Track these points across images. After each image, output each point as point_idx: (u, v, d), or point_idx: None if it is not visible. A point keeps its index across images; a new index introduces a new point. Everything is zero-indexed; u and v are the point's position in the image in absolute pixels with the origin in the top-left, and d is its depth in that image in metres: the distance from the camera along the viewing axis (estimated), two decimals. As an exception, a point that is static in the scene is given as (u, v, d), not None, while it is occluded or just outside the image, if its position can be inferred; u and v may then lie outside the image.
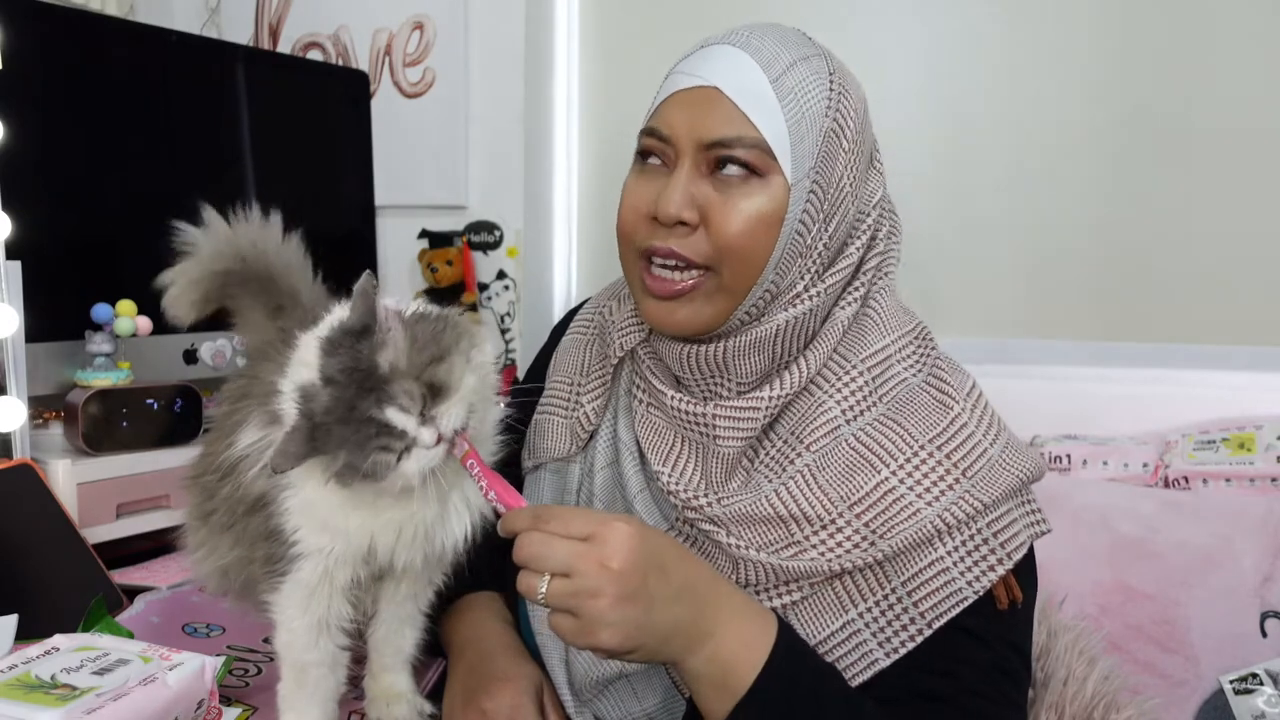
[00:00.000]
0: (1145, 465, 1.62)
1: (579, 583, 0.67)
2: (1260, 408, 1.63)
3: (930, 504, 0.77)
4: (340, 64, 2.09)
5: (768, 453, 0.84)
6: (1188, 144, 1.79)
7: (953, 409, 0.81)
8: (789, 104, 0.78)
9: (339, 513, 0.75)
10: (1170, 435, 1.66)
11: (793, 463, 0.81)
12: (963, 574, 0.78)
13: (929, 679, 0.78)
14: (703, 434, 0.84)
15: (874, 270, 0.86)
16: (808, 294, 0.82)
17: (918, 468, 0.79)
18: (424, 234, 2.07)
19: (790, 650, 0.74)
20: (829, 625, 0.80)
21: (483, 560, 0.85)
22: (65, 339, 1.29)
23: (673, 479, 0.84)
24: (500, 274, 2.06)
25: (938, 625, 0.77)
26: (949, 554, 0.78)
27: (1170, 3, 1.79)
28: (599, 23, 2.14)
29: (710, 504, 0.82)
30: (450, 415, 0.71)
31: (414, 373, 0.70)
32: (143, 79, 1.47)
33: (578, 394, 0.95)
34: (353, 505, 0.74)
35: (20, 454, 1.15)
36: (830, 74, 0.81)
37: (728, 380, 0.84)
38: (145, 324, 1.29)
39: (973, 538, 0.78)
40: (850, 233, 0.84)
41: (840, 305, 0.85)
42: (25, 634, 0.84)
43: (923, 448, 0.79)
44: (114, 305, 1.27)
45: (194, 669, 0.73)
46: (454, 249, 2.03)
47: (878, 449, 0.80)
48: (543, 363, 1.04)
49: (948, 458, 0.79)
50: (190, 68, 1.54)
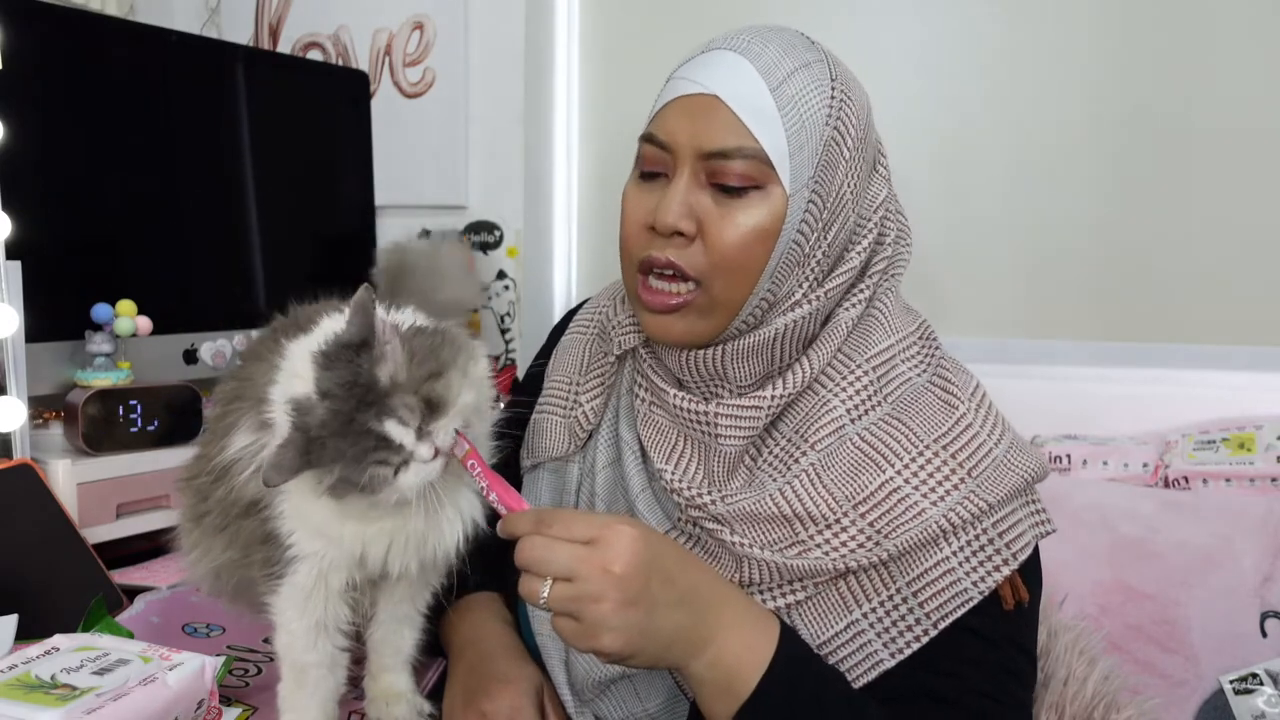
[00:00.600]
0: (1145, 465, 1.62)
1: (581, 587, 0.67)
2: (1260, 408, 1.63)
3: (935, 504, 0.77)
4: (340, 64, 2.09)
5: (772, 451, 0.83)
6: (1188, 144, 1.79)
7: (958, 409, 0.81)
8: (789, 113, 0.77)
9: (332, 519, 0.75)
10: (1170, 435, 1.66)
11: (797, 461, 0.81)
12: (968, 574, 0.77)
13: (934, 680, 0.77)
14: (705, 432, 0.83)
15: (881, 273, 0.86)
16: (805, 300, 0.82)
17: (923, 467, 0.79)
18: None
19: (793, 654, 0.74)
20: (833, 625, 0.80)
21: (482, 560, 0.85)
22: (65, 339, 1.29)
23: (676, 477, 0.84)
24: (500, 274, 2.05)
25: (943, 626, 0.77)
26: (954, 554, 0.78)
27: (1170, 3, 1.79)
28: (599, 23, 2.14)
29: (714, 502, 0.82)
30: (447, 430, 0.71)
31: (413, 387, 0.70)
32: (143, 79, 1.47)
33: (576, 393, 0.95)
34: (345, 513, 0.74)
35: (20, 454, 1.15)
36: (832, 80, 0.81)
37: (726, 383, 0.84)
38: (145, 324, 1.30)
39: (978, 538, 0.78)
40: (851, 238, 0.84)
41: (844, 307, 0.84)
42: (25, 634, 0.84)
43: (928, 447, 0.79)
44: (114, 305, 1.27)
45: (194, 669, 0.73)
46: (454, 249, 2.03)
47: (883, 448, 0.80)
48: (541, 363, 1.04)
49: (953, 457, 0.79)
50: (190, 68, 1.54)
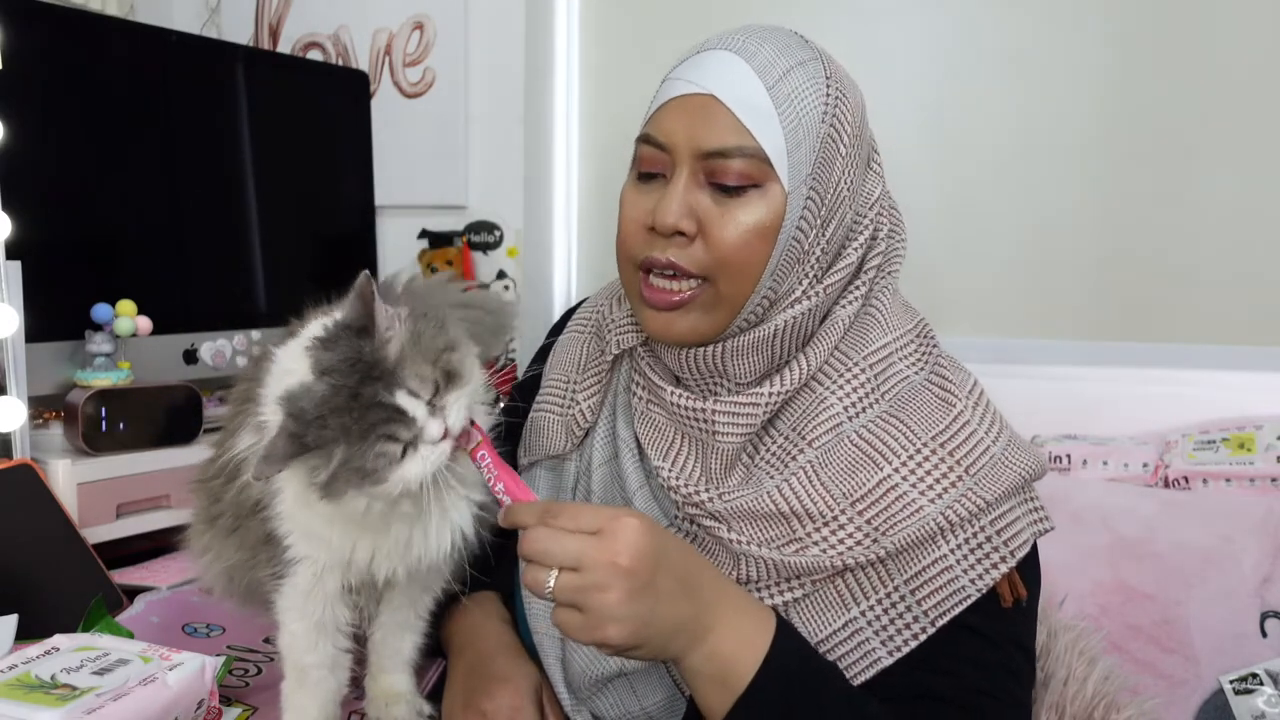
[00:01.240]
0: (1145, 465, 1.62)
1: (587, 577, 0.67)
2: (1260, 408, 1.63)
3: (933, 501, 0.77)
4: (340, 64, 2.09)
5: (769, 449, 0.84)
6: (1188, 143, 1.79)
7: (955, 406, 0.81)
8: (785, 111, 0.78)
9: (321, 521, 0.75)
10: (1170, 435, 1.66)
11: (795, 459, 0.81)
12: (966, 572, 0.77)
13: (933, 678, 0.77)
14: (702, 430, 0.84)
15: (876, 270, 0.86)
16: (805, 297, 0.82)
17: (920, 465, 0.79)
18: (424, 234, 2.06)
19: (789, 647, 0.74)
20: (831, 623, 0.80)
21: (481, 559, 0.85)
22: (65, 339, 1.29)
23: (673, 474, 0.84)
24: (500, 274, 2.05)
25: (941, 623, 0.77)
26: (952, 552, 0.78)
27: (1172, 2, 1.79)
28: (599, 23, 2.14)
29: (711, 499, 0.82)
30: (458, 407, 0.70)
31: (429, 358, 0.69)
32: (143, 79, 1.47)
33: (573, 391, 0.95)
34: (334, 515, 0.74)
35: (20, 454, 1.15)
36: (827, 78, 0.81)
37: (725, 380, 0.84)
38: (145, 324, 1.30)
39: (975, 535, 0.78)
40: (849, 235, 0.84)
41: (841, 304, 0.85)
42: (25, 634, 0.84)
43: (925, 445, 0.79)
44: (114, 305, 1.27)
45: (194, 669, 0.73)
46: (454, 249, 2.03)
47: (880, 446, 0.80)
48: (538, 368, 1.04)
49: (950, 455, 0.79)
50: (190, 68, 1.54)
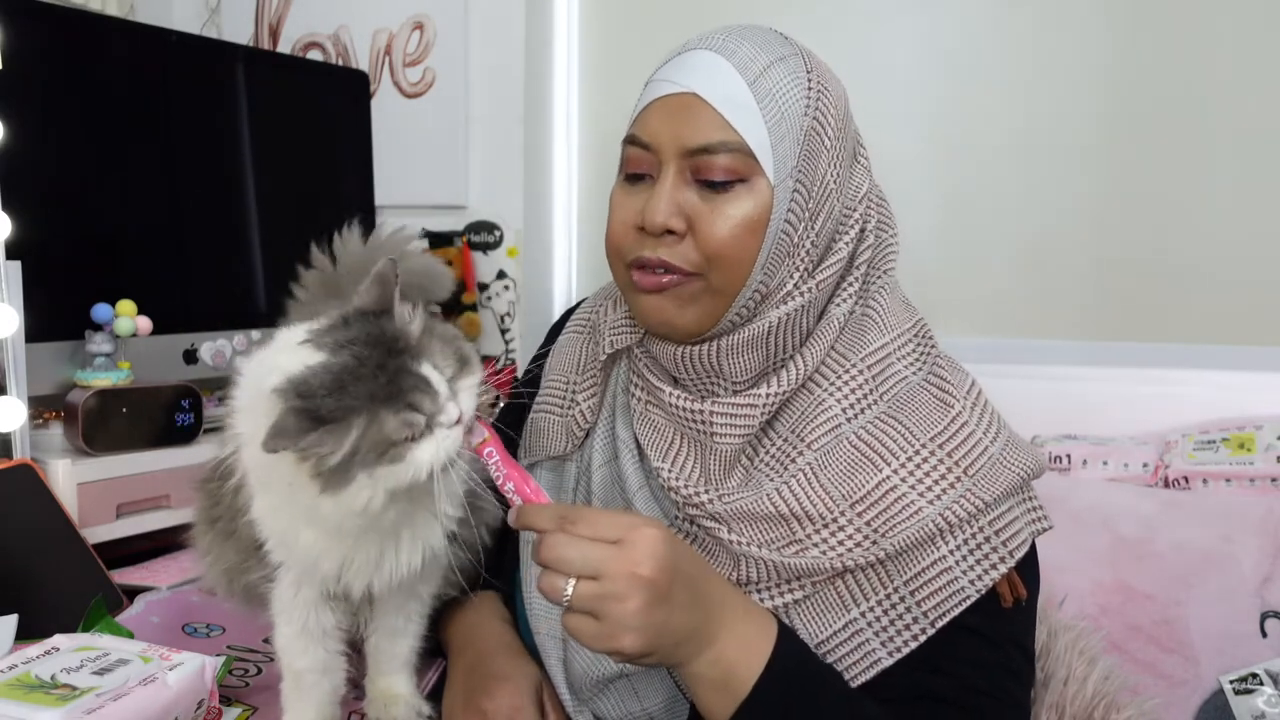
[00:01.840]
0: (1145, 465, 1.62)
1: (607, 587, 0.67)
2: (1260, 408, 1.63)
3: (932, 502, 0.77)
4: (340, 64, 2.09)
5: (768, 451, 0.84)
6: (1188, 143, 1.79)
7: (953, 407, 0.81)
8: (768, 106, 0.78)
9: (290, 528, 0.74)
10: (1170, 435, 1.66)
11: (794, 461, 0.81)
12: (965, 572, 0.78)
13: (932, 679, 0.78)
14: (701, 431, 0.84)
15: (867, 264, 0.86)
16: (798, 291, 0.82)
17: (919, 466, 0.79)
18: (424, 234, 2.07)
19: (791, 652, 0.74)
20: (831, 624, 0.80)
21: (478, 560, 0.85)
22: (65, 339, 1.29)
23: (673, 475, 0.84)
24: (500, 274, 2.05)
25: (941, 624, 0.77)
26: (951, 552, 0.78)
27: (1171, 3, 1.79)
28: (599, 23, 2.14)
29: (711, 500, 0.82)
30: (471, 393, 0.71)
31: (445, 340, 0.71)
32: (143, 79, 1.46)
33: (573, 392, 0.95)
34: (304, 522, 0.73)
35: (20, 454, 1.15)
36: (808, 72, 0.81)
37: (722, 380, 0.84)
38: (145, 324, 1.30)
39: (974, 536, 0.78)
40: (838, 228, 0.84)
41: (835, 302, 0.85)
42: (25, 634, 0.84)
43: (924, 446, 0.79)
44: (114, 305, 1.27)
45: (194, 669, 0.73)
46: (454, 249, 2.03)
47: (879, 447, 0.80)
48: (540, 363, 1.04)
49: (949, 456, 0.79)
50: (190, 68, 1.54)
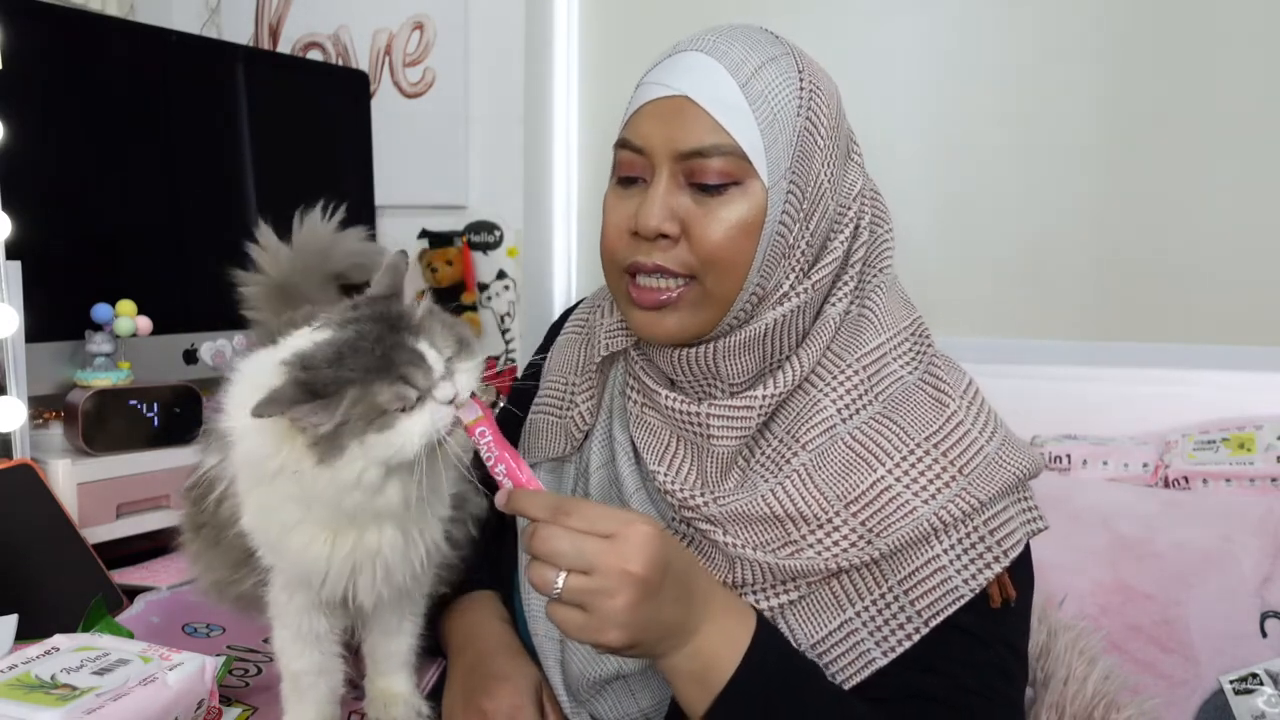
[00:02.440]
0: (1145, 465, 1.62)
1: (598, 582, 0.67)
2: (1260, 408, 1.63)
3: (926, 502, 0.77)
4: (340, 64, 2.09)
5: (764, 452, 0.83)
6: (1188, 143, 1.79)
7: (948, 407, 0.81)
8: (760, 107, 0.78)
9: (279, 533, 0.75)
10: (1170, 435, 1.66)
11: (789, 462, 0.81)
12: (959, 572, 0.78)
13: (923, 677, 0.78)
14: (697, 433, 0.83)
15: (862, 262, 0.86)
16: (794, 292, 0.82)
17: (914, 466, 0.79)
18: (424, 234, 2.07)
19: (769, 645, 0.74)
20: (826, 625, 0.80)
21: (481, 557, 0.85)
22: (65, 339, 1.29)
23: (669, 478, 0.84)
24: (500, 274, 2.05)
25: (935, 624, 0.77)
26: (945, 552, 0.78)
27: (1172, 2, 1.79)
28: (599, 23, 2.14)
29: (707, 504, 0.82)
30: (468, 376, 0.72)
31: (447, 324, 0.72)
32: (143, 79, 1.46)
33: (571, 394, 0.95)
34: (295, 519, 0.74)
35: (20, 454, 1.15)
36: (799, 72, 0.81)
37: (719, 382, 0.84)
38: (145, 324, 1.29)
39: (969, 535, 0.78)
40: (833, 227, 0.84)
41: (830, 301, 0.84)
42: (25, 634, 0.84)
43: (919, 446, 0.79)
44: (114, 305, 1.27)
45: (194, 669, 0.73)
46: (454, 249, 2.03)
47: (874, 448, 0.80)
48: (538, 363, 1.04)
49: (944, 455, 0.79)
50: (190, 68, 1.54)
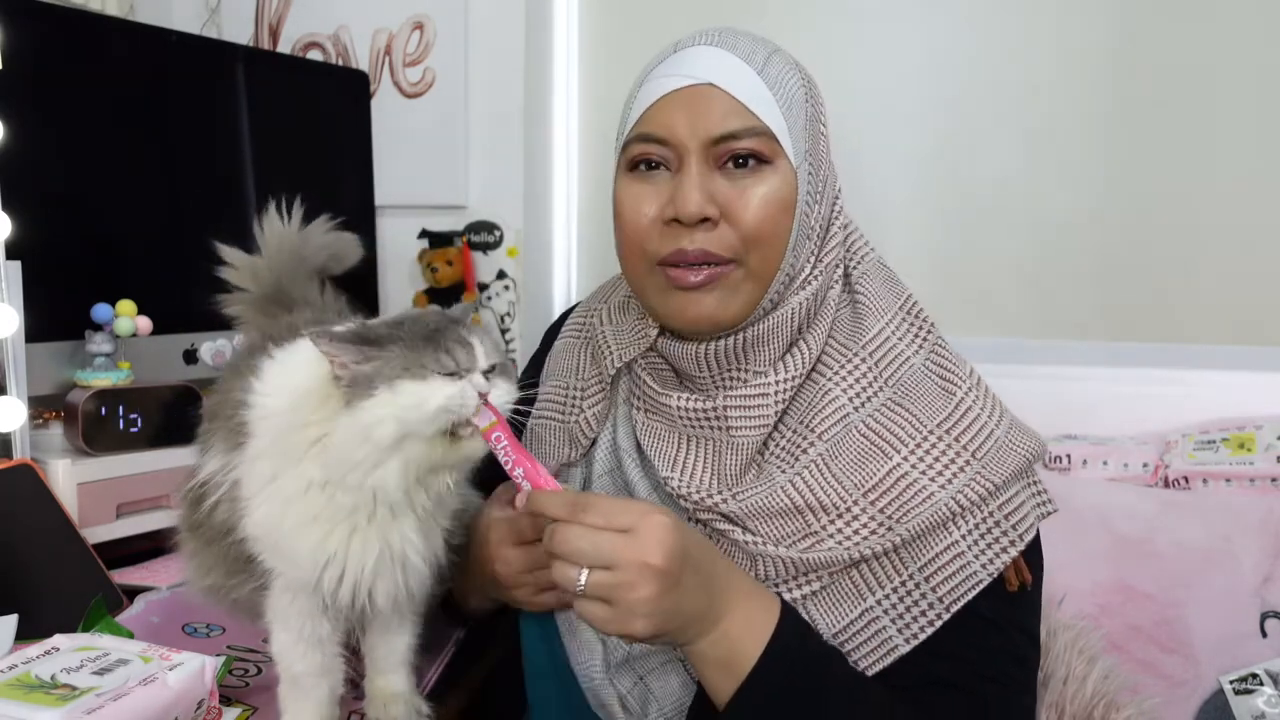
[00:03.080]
0: (1145, 465, 1.62)
1: (620, 576, 0.68)
2: (1260, 408, 1.63)
3: (943, 487, 0.78)
4: (340, 64, 2.09)
5: (778, 444, 0.84)
6: (1189, 143, 1.79)
7: (956, 393, 0.83)
8: (779, 92, 0.80)
9: (288, 536, 0.75)
10: (1170, 435, 1.66)
11: (805, 452, 0.82)
12: (977, 556, 0.78)
13: (939, 664, 0.78)
14: (715, 428, 0.84)
15: (844, 248, 0.88)
16: (813, 275, 0.84)
17: (929, 452, 0.80)
18: (424, 234, 2.06)
19: (794, 631, 0.75)
20: (848, 614, 0.80)
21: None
22: (65, 339, 1.29)
23: (682, 482, 0.84)
24: (500, 274, 2.05)
25: (955, 609, 0.78)
26: (964, 537, 0.79)
27: (1173, 5, 1.78)
28: (599, 23, 2.14)
29: (724, 501, 0.82)
30: (505, 393, 0.74)
31: (497, 344, 0.76)
32: (143, 79, 1.46)
33: (577, 399, 0.95)
34: (302, 527, 0.74)
35: (20, 454, 1.15)
36: (796, 65, 0.85)
37: (742, 370, 0.84)
38: (145, 324, 1.29)
39: (986, 520, 0.79)
40: (831, 210, 0.87)
41: (829, 285, 0.87)
42: (25, 634, 0.84)
43: (931, 432, 0.80)
44: (114, 305, 1.27)
45: (194, 669, 0.73)
46: (454, 249, 2.03)
47: (888, 435, 0.81)
48: (535, 368, 1.04)
49: (956, 440, 0.80)
50: (190, 68, 1.54)
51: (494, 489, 0.89)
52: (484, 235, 2.05)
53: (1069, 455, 1.66)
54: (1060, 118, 1.86)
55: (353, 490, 0.72)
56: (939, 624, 0.78)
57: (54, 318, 1.25)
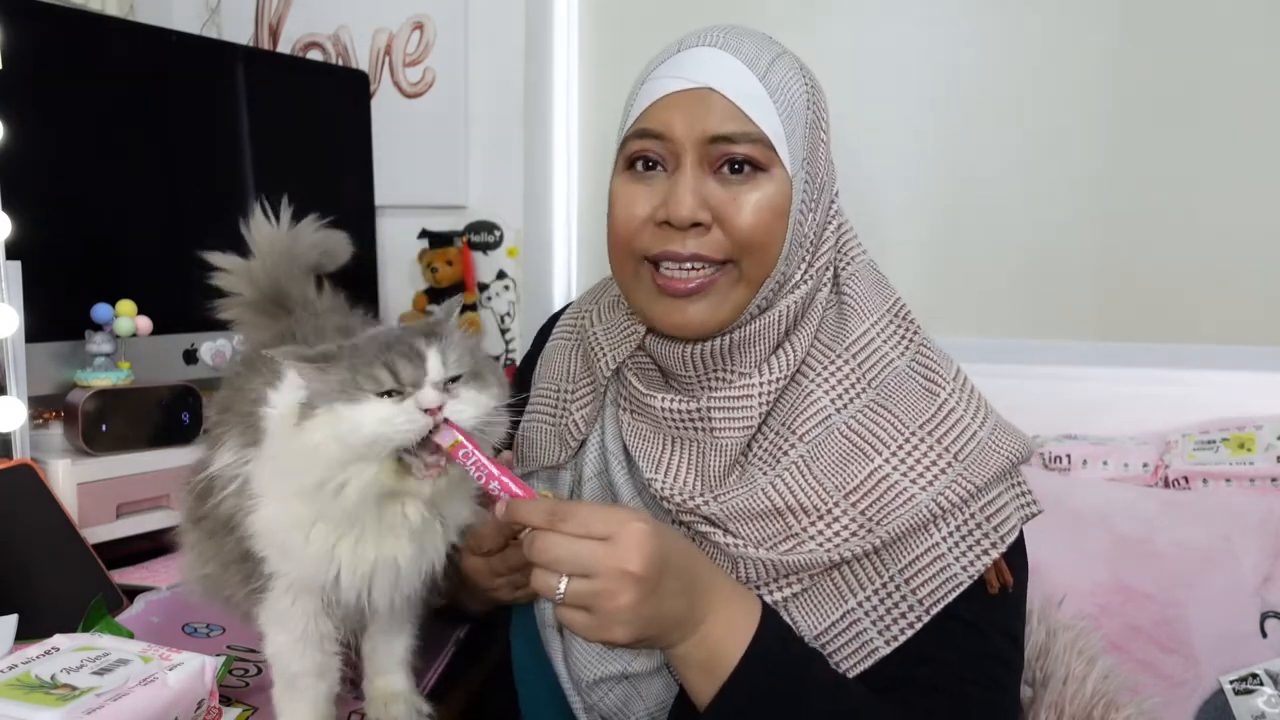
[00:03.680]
0: (1145, 465, 1.62)
1: (599, 584, 0.68)
2: (1260, 408, 1.63)
3: (924, 489, 0.78)
4: (340, 64, 2.09)
5: (761, 446, 0.84)
6: (1189, 143, 1.79)
7: (940, 394, 0.82)
8: (779, 99, 0.80)
9: (294, 534, 0.75)
10: (1170, 435, 1.66)
11: (786, 454, 0.82)
12: (958, 559, 0.78)
13: (924, 668, 0.78)
14: (699, 429, 0.84)
15: (835, 251, 0.88)
16: (804, 279, 0.84)
17: (910, 454, 0.79)
18: (424, 234, 2.06)
19: (775, 634, 0.75)
20: (829, 616, 0.80)
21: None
22: (65, 339, 1.29)
23: (665, 484, 0.84)
24: (500, 274, 2.05)
25: (935, 611, 0.78)
26: (944, 539, 0.78)
27: (1173, 6, 1.78)
28: (599, 23, 2.14)
29: (706, 503, 0.82)
30: (469, 406, 0.70)
31: (469, 346, 0.72)
32: (143, 79, 1.46)
33: (566, 402, 0.95)
34: (305, 528, 0.74)
35: (20, 454, 1.15)
36: (801, 69, 0.84)
37: (727, 371, 0.84)
38: (145, 324, 1.29)
39: (966, 522, 0.79)
40: (827, 215, 0.87)
41: (818, 288, 0.87)
42: (25, 634, 0.84)
43: (914, 434, 0.80)
44: (114, 305, 1.27)
45: (194, 669, 0.73)
46: (454, 249, 2.03)
47: (870, 437, 0.81)
48: (528, 369, 1.04)
49: (939, 442, 0.80)
50: (190, 68, 1.54)
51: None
52: (484, 235, 2.05)
53: (1069, 455, 1.66)
54: (1060, 118, 1.86)
55: (328, 503, 0.72)
56: (919, 626, 0.78)
57: (54, 318, 1.25)
